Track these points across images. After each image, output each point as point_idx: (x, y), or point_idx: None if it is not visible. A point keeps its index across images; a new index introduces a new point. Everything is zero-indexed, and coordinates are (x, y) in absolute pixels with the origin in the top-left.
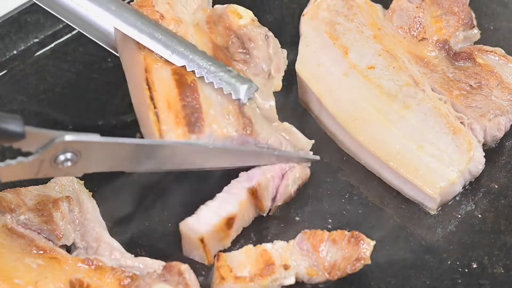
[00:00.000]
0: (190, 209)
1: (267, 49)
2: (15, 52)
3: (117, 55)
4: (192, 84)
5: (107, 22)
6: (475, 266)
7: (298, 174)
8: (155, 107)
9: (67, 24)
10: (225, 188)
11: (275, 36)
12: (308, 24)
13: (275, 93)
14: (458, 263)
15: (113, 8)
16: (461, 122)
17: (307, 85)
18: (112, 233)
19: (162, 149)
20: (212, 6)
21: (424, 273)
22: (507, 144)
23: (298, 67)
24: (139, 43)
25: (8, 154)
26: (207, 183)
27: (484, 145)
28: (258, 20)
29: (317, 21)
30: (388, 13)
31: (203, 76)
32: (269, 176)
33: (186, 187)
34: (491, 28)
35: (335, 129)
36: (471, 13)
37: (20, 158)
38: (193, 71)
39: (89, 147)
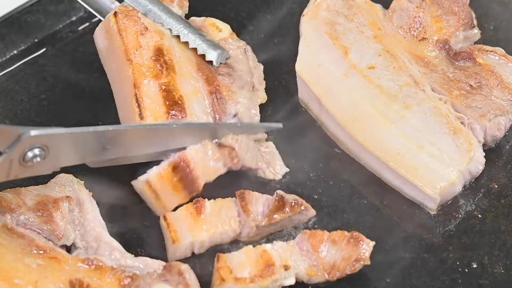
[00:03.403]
0: None
1: (247, 62)
2: (15, 52)
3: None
4: (179, 101)
5: None
6: (475, 266)
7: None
8: None
9: (67, 24)
10: None
11: (275, 36)
12: (308, 24)
13: (276, 94)
14: (458, 263)
15: None
16: (461, 122)
17: (307, 85)
18: (112, 233)
19: (127, 134)
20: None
21: (424, 273)
22: (507, 144)
23: (298, 67)
24: (127, 54)
25: None
26: (206, 184)
27: (484, 145)
28: (258, 20)
29: (317, 21)
30: (388, 13)
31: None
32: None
33: None
34: (491, 28)
35: (335, 129)
36: (471, 13)
37: None
38: (169, 29)
39: (55, 139)
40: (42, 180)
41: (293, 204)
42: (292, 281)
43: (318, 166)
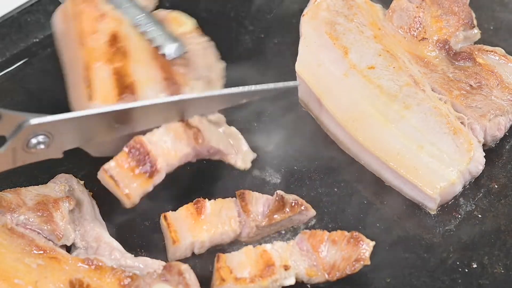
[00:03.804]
0: None
1: (206, 58)
2: (15, 52)
3: None
4: (131, 86)
5: None
6: (475, 266)
7: None
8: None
9: None
10: None
11: (275, 36)
12: (308, 24)
13: (276, 93)
14: (458, 263)
15: None
16: (461, 122)
17: (307, 85)
18: (112, 233)
19: (133, 112)
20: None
21: (424, 273)
22: (507, 144)
23: (298, 67)
24: (81, 38)
25: None
26: (206, 184)
27: (484, 145)
28: (258, 20)
29: (317, 21)
30: (388, 13)
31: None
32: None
33: (186, 187)
34: (491, 28)
35: (335, 129)
36: (471, 13)
37: None
38: (128, 18)
39: (58, 126)
40: (42, 180)
41: (293, 204)
42: (292, 281)
43: (318, 166)
